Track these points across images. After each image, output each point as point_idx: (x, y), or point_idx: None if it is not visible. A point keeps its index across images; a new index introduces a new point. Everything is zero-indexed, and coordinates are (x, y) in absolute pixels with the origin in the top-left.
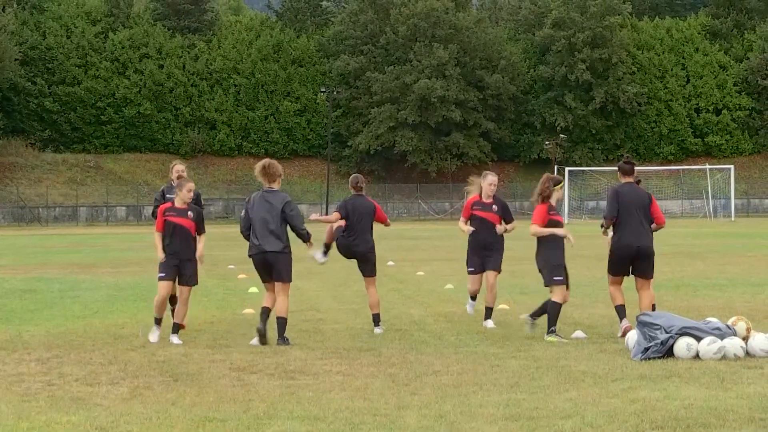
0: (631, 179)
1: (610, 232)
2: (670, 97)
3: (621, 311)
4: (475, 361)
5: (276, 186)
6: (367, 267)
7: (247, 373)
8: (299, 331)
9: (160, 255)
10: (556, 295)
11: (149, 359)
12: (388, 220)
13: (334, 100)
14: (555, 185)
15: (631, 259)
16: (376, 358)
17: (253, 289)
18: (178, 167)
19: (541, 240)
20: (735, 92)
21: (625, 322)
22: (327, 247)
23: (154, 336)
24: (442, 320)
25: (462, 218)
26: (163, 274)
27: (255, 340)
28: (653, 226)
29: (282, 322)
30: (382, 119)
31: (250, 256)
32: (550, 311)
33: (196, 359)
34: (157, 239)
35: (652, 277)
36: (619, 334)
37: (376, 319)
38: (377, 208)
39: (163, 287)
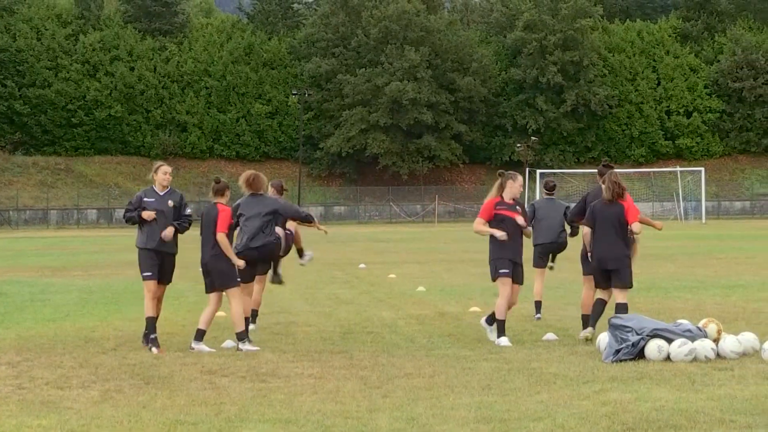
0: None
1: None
2: (641, 99)
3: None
4: (446, 364)
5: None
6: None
7: (218, 376)
8: (271, 334)
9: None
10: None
11: (120, 362)
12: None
13: (306, 103)
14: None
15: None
16: (348, 360)
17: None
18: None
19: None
20: (705, 95)
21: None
22: (300, 251)
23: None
24: (413, 323)
25: (481, 219)
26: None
27: (227, 343)
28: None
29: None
30: (353, 122)
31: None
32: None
33: (167, 362)
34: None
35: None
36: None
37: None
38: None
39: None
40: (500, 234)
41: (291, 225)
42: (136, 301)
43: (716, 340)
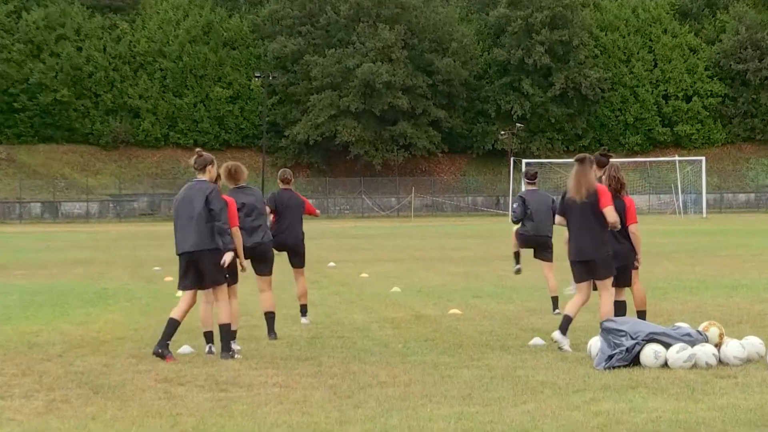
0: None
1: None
2: (636, 82)
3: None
4: (423, 371)
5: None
6: (297, 259)
7: (174, 385)
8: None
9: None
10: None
11: (66, 370)
12: (317, 211)
13: (270, 86)
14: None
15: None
16: (316, 368)
17: (181, 293)
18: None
19: None
20: (706, 77)
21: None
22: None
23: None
24: (388, 326)
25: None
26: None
27: (184, 348)
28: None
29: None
30: (322, 107)
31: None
32: None
33: (118, 370)
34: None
35: None
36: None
37: (304, 310)
38: (306, 201)
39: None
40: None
41: None
42: (83, 304)
43: (718, 345)
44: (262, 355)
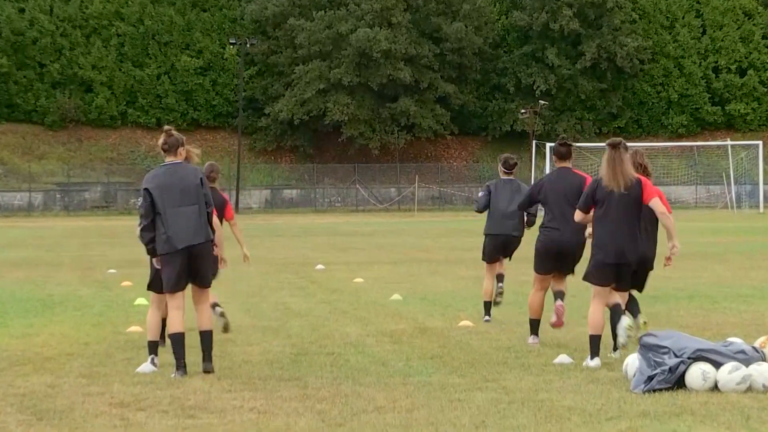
0: (567, 164)
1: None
2: (682, 52)
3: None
4: (429, 395)
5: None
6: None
7: (132, 410)
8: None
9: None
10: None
11: (5, 392)
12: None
13: (247, 55)
14: None
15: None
16: (301, 390)
17: (141, 300)
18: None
19: None
20: (764, 47)
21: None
22: None
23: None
24: (386, 341)
25: None
26: None
27: (144, 367)
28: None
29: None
30: (309, 80)
31: None
32: None
33: (66, 392)
34: None
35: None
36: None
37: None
38: (228, 202)
39: None
40: None
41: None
42: (24, 313)
43: None
44: (236, 375)
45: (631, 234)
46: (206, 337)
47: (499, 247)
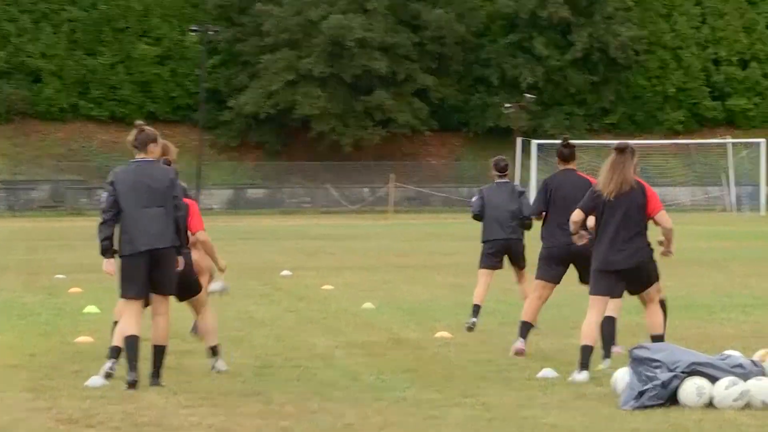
0: (571, 165)
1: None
2: (679, 43)
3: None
4: (403, 411)
5: None
6: None
7: (81, 427)
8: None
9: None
10: None
11: None
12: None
13: (210, 43)
14: None
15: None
16: (265, 405)
17: (91, 308)
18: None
19: None
20: None
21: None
22: None
23: None
24: (357, 353)
25: None
26: None
27: (93, 380)
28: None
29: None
30: (276, 70)
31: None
32: None
33: (9, 407)
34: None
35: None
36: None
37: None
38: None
39: None
40: None
41: None
42: None
43: None
44: (195, 389)
45: (625, 241)
46: (159, 353)
47: (498, 253)
